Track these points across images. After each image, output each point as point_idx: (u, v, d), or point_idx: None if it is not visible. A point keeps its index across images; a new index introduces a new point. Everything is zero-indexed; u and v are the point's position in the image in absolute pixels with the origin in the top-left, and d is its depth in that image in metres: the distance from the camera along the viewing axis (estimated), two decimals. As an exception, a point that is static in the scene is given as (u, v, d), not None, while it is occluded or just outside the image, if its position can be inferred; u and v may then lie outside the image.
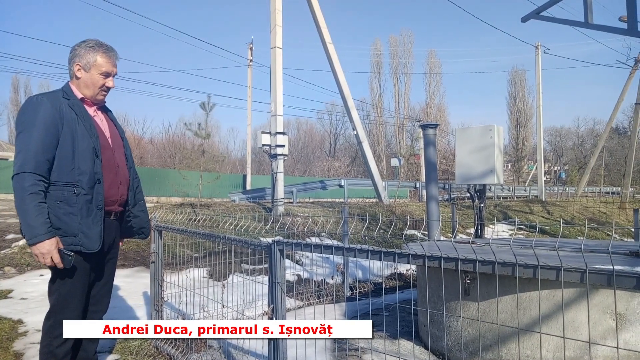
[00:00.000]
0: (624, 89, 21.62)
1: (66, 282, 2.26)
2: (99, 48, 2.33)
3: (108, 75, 2.37)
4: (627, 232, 13.08)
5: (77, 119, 2.26)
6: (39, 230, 2.08)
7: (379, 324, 4.22)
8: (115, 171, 2.40)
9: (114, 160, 2.40)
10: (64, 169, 2.19)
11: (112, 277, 2.60)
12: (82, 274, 2.29)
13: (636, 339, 2.73)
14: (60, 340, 2.27)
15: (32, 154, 2.12)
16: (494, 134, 5.24)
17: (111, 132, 2.47)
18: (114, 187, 2.39)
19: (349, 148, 49.54)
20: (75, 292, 2.29)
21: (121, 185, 2.44)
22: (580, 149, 50.31)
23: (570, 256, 3.17)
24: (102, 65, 2.33)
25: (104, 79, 2.36)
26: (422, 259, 1.89)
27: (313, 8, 12.40)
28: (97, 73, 2.32)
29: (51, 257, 2.11)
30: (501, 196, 23.43)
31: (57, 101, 2.26)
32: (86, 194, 2.22)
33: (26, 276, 5.26)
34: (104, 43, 2.39)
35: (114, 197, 2.39)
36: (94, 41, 2.36)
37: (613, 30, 4.62)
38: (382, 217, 3.67)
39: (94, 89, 2.35)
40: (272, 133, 10.48)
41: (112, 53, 2.38)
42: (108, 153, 2.37)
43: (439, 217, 5.33)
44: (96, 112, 2.44)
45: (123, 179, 2.46)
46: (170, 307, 3.76)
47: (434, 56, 44.82)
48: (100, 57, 2.33)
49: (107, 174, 2.34)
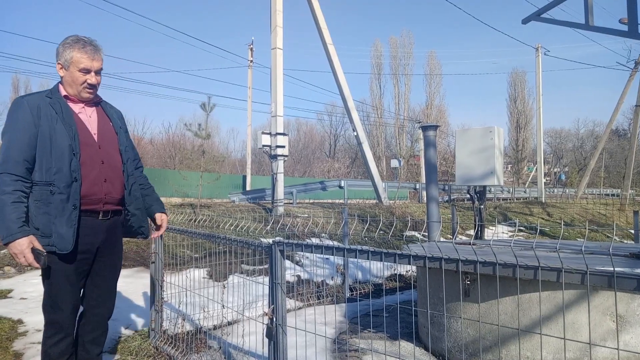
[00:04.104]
0: (624, 91, 21.66)
1: (52, 282, 2.25)
2: (75, 44, 2.25)
3: (88, 71, 2.26)
4: (627, 234, 13.08)
5: (57, 117, 2.21)
6: (12, 229, 2.07)
7: (379, 324, 4.22)
8: (99, 168, 2.30)
9: (98, 157, 2.30)
10: (43, 168, 2.18)
11: (112, 279, 2.53)
12: (69, 274, 2.25)
13: (636, 340, 2.73)
14: (52, 341, 2.27)
15: (10, 155, 2.14)
16: (494, 135, 5.24)
17: (101, 127, 2.38)
18: (97, 185, 2.29)
19: (348, 149, 49.55)
20: (62, 292, 2.25)
21: (107, 182, 2.32)
22: (580, 151, 50.33)
23: (571, 258, 3.17)
24: (80, 61, 2.24)
25: (84, 75, 2.26)
26: (422, 260, 1.89)
27: (314, 9, 12.43)
28: (76, 70, 2.25)
29: (24, 256, 2.09)
30: (501, 198, 23.43)
31: (38, 101, 2.23)
32: (61, 193, 2.17)
33: (26, 276, 5.26)
34: (82, 38, 2.28)
35: (97, 195, 2.29)
36: (73, 37, 2.28)
37: (613, 33, 4.62)
38: (382, 219, 3.66)
39: (76, 86, 2.29)
40: (272, 134, 10.48)
41: (90, 47, 2.26)
42: (90, 150, 2.28)
43: (439, 218, 5.34)
44: (83, 109, 2.37)
45: (111, 176, 2.35)
46: (171, 308, 3.76)
47: (434, 57, 44.78)
48: (77, 53, 2.24)
49: (87, 172, 2.25)
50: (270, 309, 2.35)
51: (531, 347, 2.85)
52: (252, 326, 3.55)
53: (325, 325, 3.98)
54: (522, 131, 45.60)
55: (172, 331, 3.51)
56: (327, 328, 4.03)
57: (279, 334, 2.31)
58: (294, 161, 47.52)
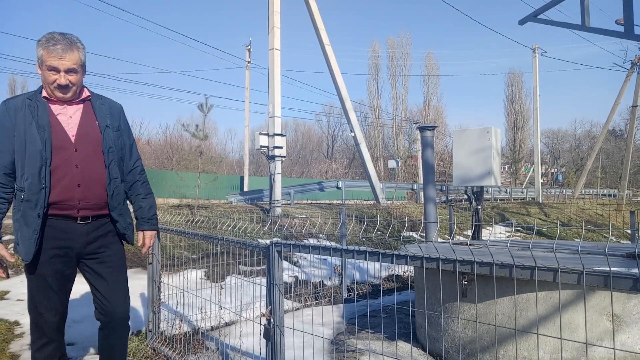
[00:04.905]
0: (620, 91, 21.72)
1: (31, 286, 2.23)
2: (45, 43, 2.13)
3: (56, 70, 2.13)
4: (624, 234, 13.13)
5: (32, 120, 2.13)
6: None
7: (376, 325, 4.22)
8: (72, 173, 2.18)
9: (72, 161, 2.18)
10: (19, 174, 2.17)
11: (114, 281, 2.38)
12: (46, 278, 2.19)
13: (632, 340, 2.74)
14: (37, 345, 2.27)
15: None
16: (492, 136, 5.26)
17: (81, 128, 2.24)
18: (69, 191, 2.17)
19: (346, 150, 49.56)
20: (41, 297, 2.21)
21: (81, 187, 2.19)
22: (577, 151, 50.49)
23: (568, 258, 3.18)
24: (46, 59, 2.12)
25: (54, 74, 2.14)
26: (420, 260, 1.89)
27: (311, 10, 12.43)
28: (46, 69, 2.14)
29: None
30: (498, 198, 23.48)
31: (18, 104, 2.18)
32: (29, 200, 2.11)
33: (22, 277, 5.24)
34: (55, 36, 2.15)
35: (69, 201, 2.18)
36: (47, 35, 2.16)
37: (610, 34, 4.65)
38: (380, 219, 3.67)
39: (48, 86, 2.18)
40: (269, 134, 10.48)
41: (60, 46, 2.11)
42: (65, 154, 2.17)
43: (436, 218, 5.34)
44: (64, 109, 2.25)
45: (87, 181, 2.21)
46: (168, 309, 3.75)
47: (431, 58, 44.91)
48: (44, 51, 2.12)
49: (59, 177, 2.15)
50: (268, 309, 2.35)
51: (528, 347, 2.86)
52: (249, 327, 3.56)
53: (323, 326, 3.98)
54: (520, 132, 45.72)
55: (170, 332, 3.51)
56: (325, 329, 4.03)
57: (277, 335, 2.31)
58: (292, 162, 47.51)
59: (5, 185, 2.16)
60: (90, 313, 2.54)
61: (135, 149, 2.56)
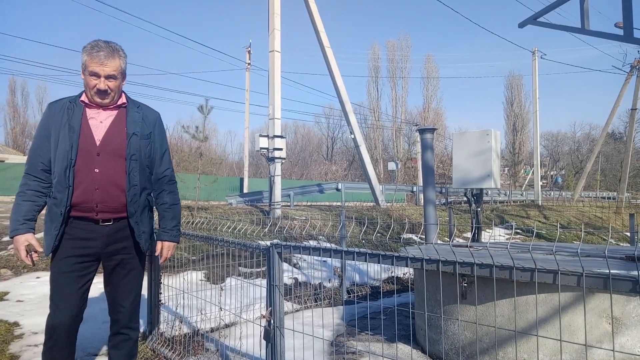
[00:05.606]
0: (619, 94, 21.77)
1: (52, 280, 2.31)
2: (88, 49, 2.25)
3: (97, 75, 2.24)
4: (623, 236, 13.13)
5: (66, 122, 2.26)
6: (14, 225, 2.22)
7: (376, 327, 4.22)
8: (92, 176, 2.25)
9: (93, 165, 2.25)
10: (51, 173, 2.30)
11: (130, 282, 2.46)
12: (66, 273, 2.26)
13: (632, 342, 2.75)
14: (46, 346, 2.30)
15: (30, 157, 2.31)
16: (491, 138, 5.26)
17: (109, 133, 2.31)
18: (88, 193, 2.25)
19: (346, 152, 49.60)
20: (60, 290, 2.27)
21: (98, 191, 2.25)
22: (576, 154, 50.51)
23: (567, 260, 3.19)
24: (89, 65, 2.25)
25: (95, 79, 2.26)
26: (420, 262, 1.90)
27: (312, 12, 12.46)
28: (88, 74, 2.26)
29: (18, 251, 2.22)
30: (498, 200, 23.48)
31: (59, 106, 2.32)
32: (54, 198, 2.25)
33: (22, 278, 5.24)
34: (99, 43, 2.27)
35: (88, 203, 2.25)
36: (92, 42, 2.28)
37: (609, 37, 4.66)
38: (380, 221, 3.68)
39: (89, 90, 2.30)
40: (269, 136, 10.49)
41: (103, 52, 2.23)
42: (88, 157, 2.25)
43: (436, 221, 5.35)
44: (98, 114, 2.34)
45: (105, 185, 2.27)
46: (168, 310, 3.75)
47: (431, 61, 45.09)
48: (87, 57, 2.25)
49: (81, 179, 2.24)
50: (268, 311, 2.35)
51: (528, 349, 2.86)
52: (249, 329, 3.56)
53: (323, 328, 3.99)
54: (519, 134, 45.82)
55: (169, 334, 3.50)
56: (325, 330, 4.04)
57: (277, 337, 2.32)
58: (292, 164, 47.54)
59: (43, 181, 2.29)
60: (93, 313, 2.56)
61: (168, 157, 2.58)
